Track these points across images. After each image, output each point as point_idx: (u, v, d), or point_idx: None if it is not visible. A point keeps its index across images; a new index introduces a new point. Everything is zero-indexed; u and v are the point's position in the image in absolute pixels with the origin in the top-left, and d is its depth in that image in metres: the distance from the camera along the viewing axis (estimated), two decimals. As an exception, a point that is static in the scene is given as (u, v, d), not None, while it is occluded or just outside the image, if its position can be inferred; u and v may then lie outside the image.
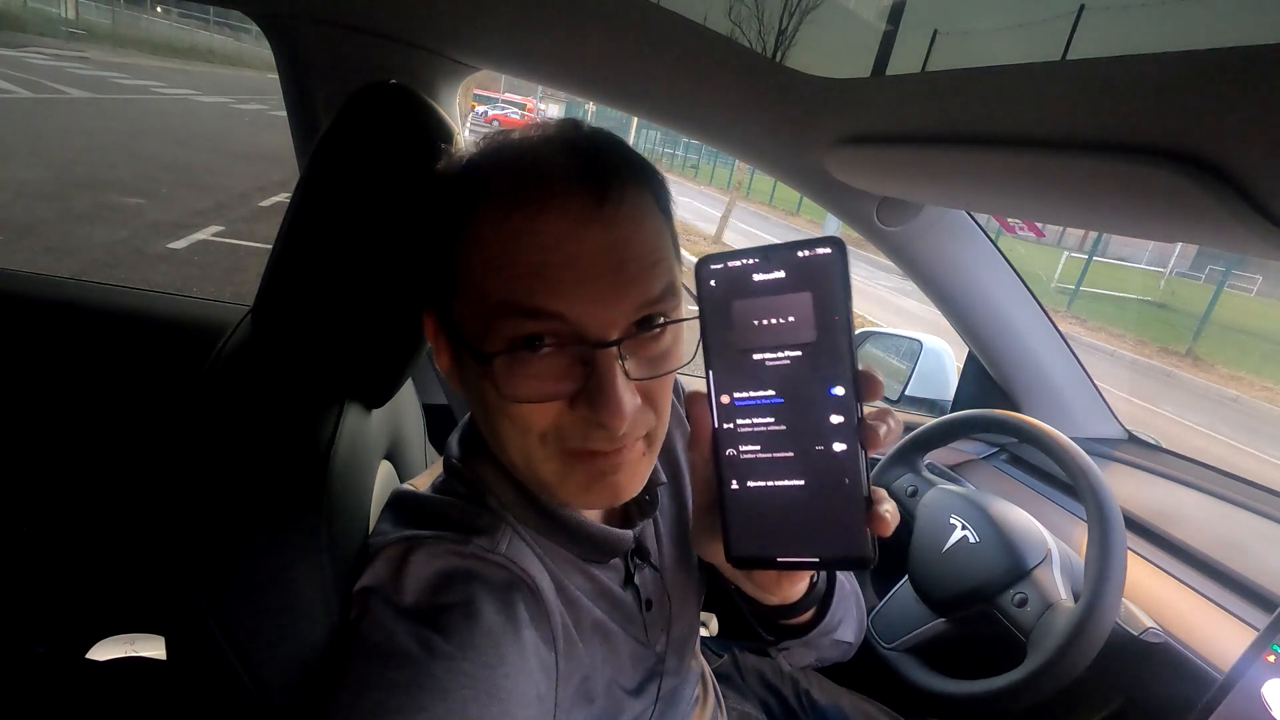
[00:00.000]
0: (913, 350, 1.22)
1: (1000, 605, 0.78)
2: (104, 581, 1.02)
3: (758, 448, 0.34)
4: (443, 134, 0.50)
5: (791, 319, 0.33)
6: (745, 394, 0.34)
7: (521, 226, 0.37)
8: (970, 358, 1.16)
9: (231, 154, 7.45)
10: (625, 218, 0.39)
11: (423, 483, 0.51)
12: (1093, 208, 0.58)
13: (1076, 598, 0.73)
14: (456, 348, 0.42)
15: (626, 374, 0.38)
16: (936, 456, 1.08)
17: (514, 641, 0.40)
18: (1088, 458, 0.78)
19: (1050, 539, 0.82)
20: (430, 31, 0.76)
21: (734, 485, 0.35)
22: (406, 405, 0.70)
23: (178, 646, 0.42)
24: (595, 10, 0.69)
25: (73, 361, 0.95)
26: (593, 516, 0.50)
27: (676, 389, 0.59)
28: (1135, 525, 0.91)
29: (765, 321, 0.33)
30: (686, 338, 0.42)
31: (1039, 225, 9.87)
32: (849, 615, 0.58)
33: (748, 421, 0.34)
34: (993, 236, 0.97)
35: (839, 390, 0.33)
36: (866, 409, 0.33)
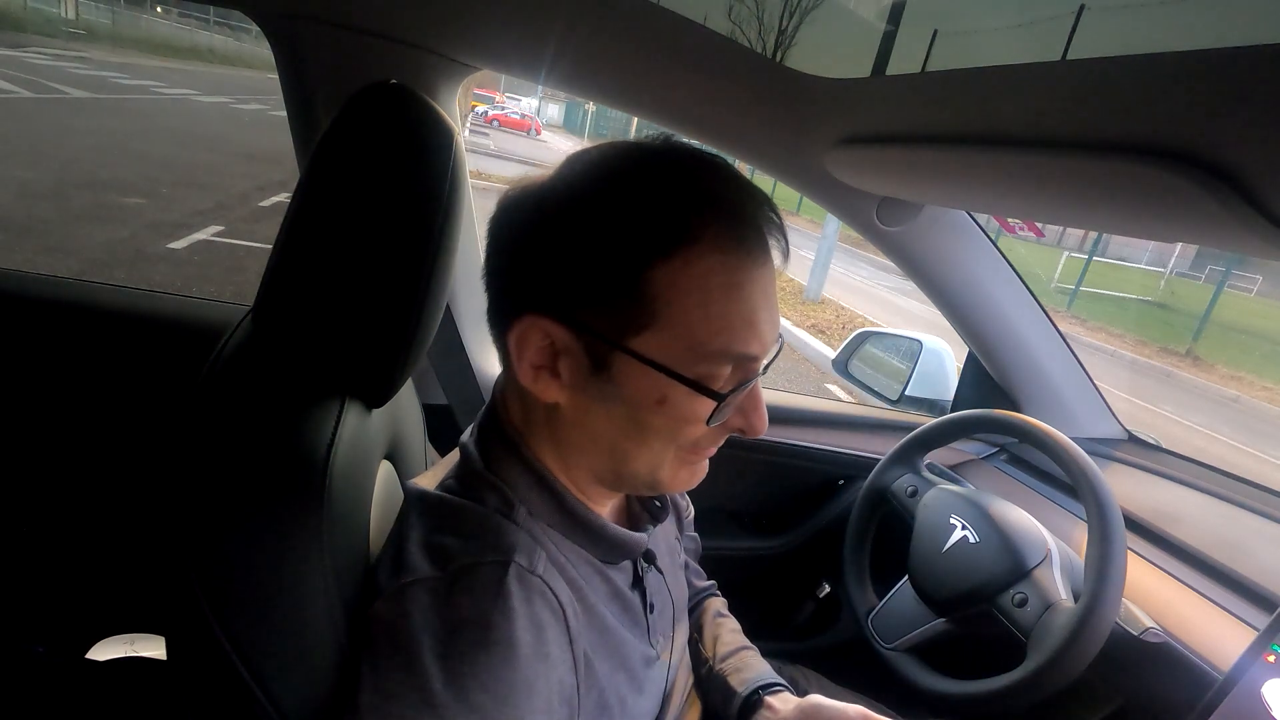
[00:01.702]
0: (913, 350, 1.22)
1: (1000, 605, 0.78)
2: (104, 581, 1.02)
3: None
4: (443, 134, 0.50)
5: None
6: None
7: (742, 279, 0.42)
8: (970, 358, 1.16)
9: (231, 154, 7.45)
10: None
11: (429, 480, 0.51)
12: (1093, 208, 0.58)
13: (1076, 598, 0.73)
14: (604, 364, 0.43)
15: None
16: (936, 456, 1.09)
17: (544, 681, 0.41)
18: (1088, 458, 0.78)
19: (1050, 539, 0.82)
20: (430, 31, 0.76)
21: None
22: (406, 405, 0.70)
23: (178, 646, 0.42)
24: (595, 10, 0.69)
25: (73, 361, 0.95)
26: (608, 519, 0.52)
27: None
28: (1135, 525, 0.92)
29: None
30: None
31: (1039, 225, 9.87)
32: None
33: None
34: (993, 236, 0.97)
35: None
36: None
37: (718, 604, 0.78)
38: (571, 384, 0.44)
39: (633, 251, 0.41)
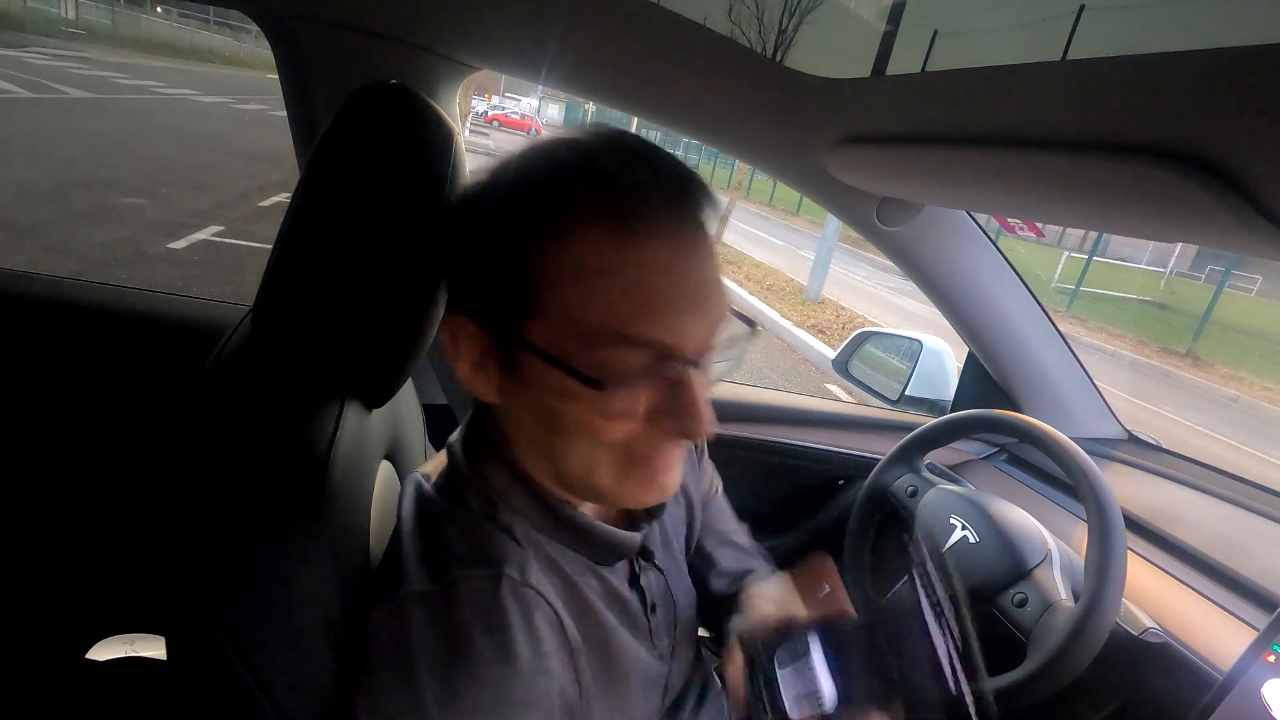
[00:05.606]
0: (913, 350, 1.22)
1: (1000, 605, 0.78)
2: (104, 581, 1.02)
3: None
4: (443, 134, 0.50)
5: None
6: None
7: (625, 254, 0.38)
8: (970, 358, 1.16)
9: (231, 154, 7.45)
10: (705, 242, 0.41)
11: (433, 469, 0.50)
12: (1093, 208, 0.58)
13: (1076, 598, 0.73)
14: (512, 358, 0.42)
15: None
16: (936, 456, 1.08)
17: (544, 695, 0.41)
18: (1088, 458, 0.78)
19: (1050, 539, 0.82)
20: (430, 31, 0.76)
21: None
22: (406, 405, 0.70)
23: (178, 646, 0.42)
24: (595, 10, 0.69)
25: (73, 361, 0.95)
26: (598, 519, 0.50)
27: None
28: (1135, 525, 0.91)
29: None
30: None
31: (1039, 225, 9.87)
32: None
33: None
34: (993, 236, 0.97)
35: None
36: None
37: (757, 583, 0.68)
38: (499, 383, 0.43)
39: (513, 235, 0.40)
